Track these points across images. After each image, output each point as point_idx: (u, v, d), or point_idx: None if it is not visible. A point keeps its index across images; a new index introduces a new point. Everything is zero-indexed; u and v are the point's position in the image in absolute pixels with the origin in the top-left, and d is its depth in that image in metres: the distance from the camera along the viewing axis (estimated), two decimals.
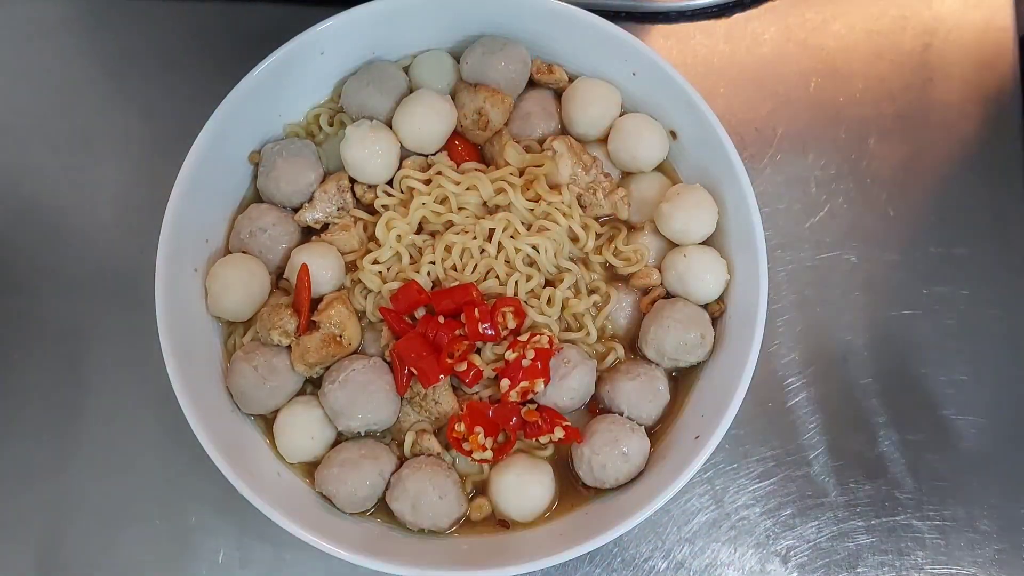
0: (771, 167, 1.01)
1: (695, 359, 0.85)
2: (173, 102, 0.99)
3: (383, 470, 0.82)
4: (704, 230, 0.86)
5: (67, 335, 0.94)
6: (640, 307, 0.88)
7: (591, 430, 0.83)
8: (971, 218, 0.99)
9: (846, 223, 0.99)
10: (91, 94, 1.01)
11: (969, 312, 0.97)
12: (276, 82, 0.86)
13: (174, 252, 0.82)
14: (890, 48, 1.04)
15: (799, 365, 0.95)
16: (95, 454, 0.91)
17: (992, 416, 0.94)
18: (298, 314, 0.83)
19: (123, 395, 0.93)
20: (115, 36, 1.03)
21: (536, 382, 0.81)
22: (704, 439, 0.79)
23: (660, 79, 0.87)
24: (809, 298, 0.97)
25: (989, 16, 1.05)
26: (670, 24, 1.04)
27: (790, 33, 1.05)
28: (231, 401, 0.84)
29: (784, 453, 0.93)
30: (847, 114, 1.02)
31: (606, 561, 0.90)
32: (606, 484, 0.82)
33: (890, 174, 1.01)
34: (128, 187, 0.98)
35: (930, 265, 0.98)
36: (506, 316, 0.82)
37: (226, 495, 0.78)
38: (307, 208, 0.87)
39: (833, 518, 0.91)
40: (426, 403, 0.84)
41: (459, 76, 0.91)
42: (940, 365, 0.96)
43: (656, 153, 0.89)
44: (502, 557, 0.78)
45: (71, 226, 0.97)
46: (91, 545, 0.90)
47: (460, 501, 0.82)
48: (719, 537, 0.91)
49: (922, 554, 0.91)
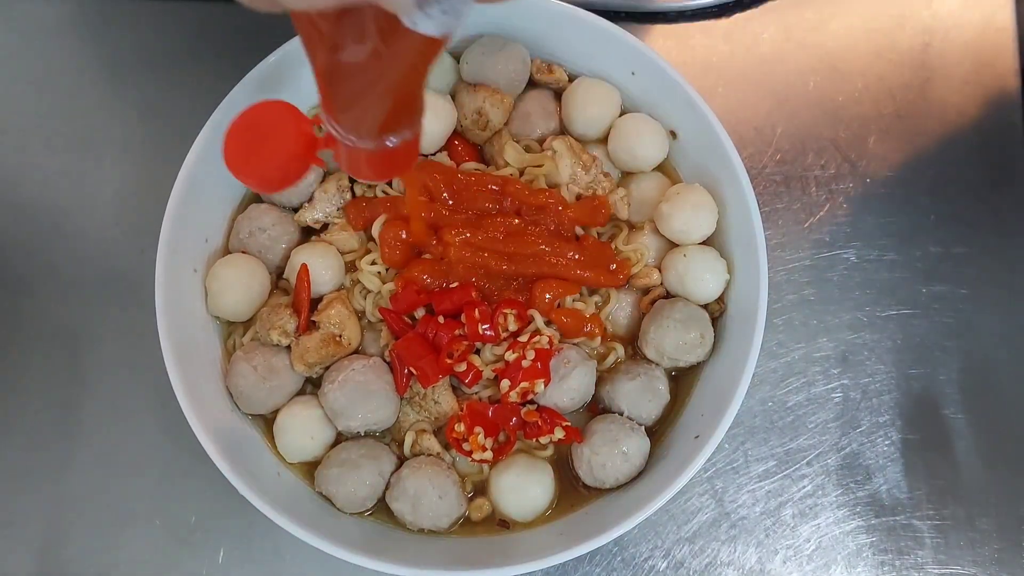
0: (771, 167, 1.01)
1: (695, 359, 0.85)
2: (173, 102, 0.99)
3: (383, 470, 0.82)
4: (704, 230, 0.86)
5: (67, 335, 0.94)
6: (640, 307, 0.88)
7: (591, 430, 0.83)
8: (971, 218, 1.00)
9: (846, 223, 0.99)
10: (91, 94, 1.01)
11: (969, 312, 0.97)
12: (276, 82, 0.86)
13: (174, 252, 0.82)
14: (889, 47, 1.04)
15: (799, 365, 0.95)
16: (95, 454, 0.91)
17: (992, 416, 0.94)
18: (298, 314, 0.83)
19: (123, 395, 0.93)
20: (115, 36, 1.03)
21: (536, 383, 0.81)
22: (704, 439, 0.79)
23: (660, 79, 0.87)
24: (809, 298, 0.97)
25: (989, 15, 1.05)
26: (670, 24, 1.04)
27: (789, 33, 1.05)
28: (231, 401, 0.84)
29: (784, 453, 0.93)
30: (847, 113, 1.02)
31: (606, 561, 0.90)
32: (606, 484, 0.82)
33: (890, 174, 1.01)
34: (128, 187, 0.98)
35: (929, 265, 0.98)
36: (507, 318, 0.82)
37: (226, 495, 0.77)
38: (307, 208, 0.87)
39: (833, 518, 0.92)
40: (426, 403, 0.84)
41: (459, 76, 0.91)
42: (940, 365, 0.96)
43: (656, 153, 0.89)
44: (502, 557, 0.78)
45: (71, 226, 0.97)
46: (91, 545, 0.90)
47: (460, 501, 0.82)
48: (719, 537, 0.91)
49: (922, 554, 0.91)
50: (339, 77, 0.48)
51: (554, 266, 0.83)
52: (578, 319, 0.84)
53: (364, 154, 0.54)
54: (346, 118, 0.52)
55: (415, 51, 0.44)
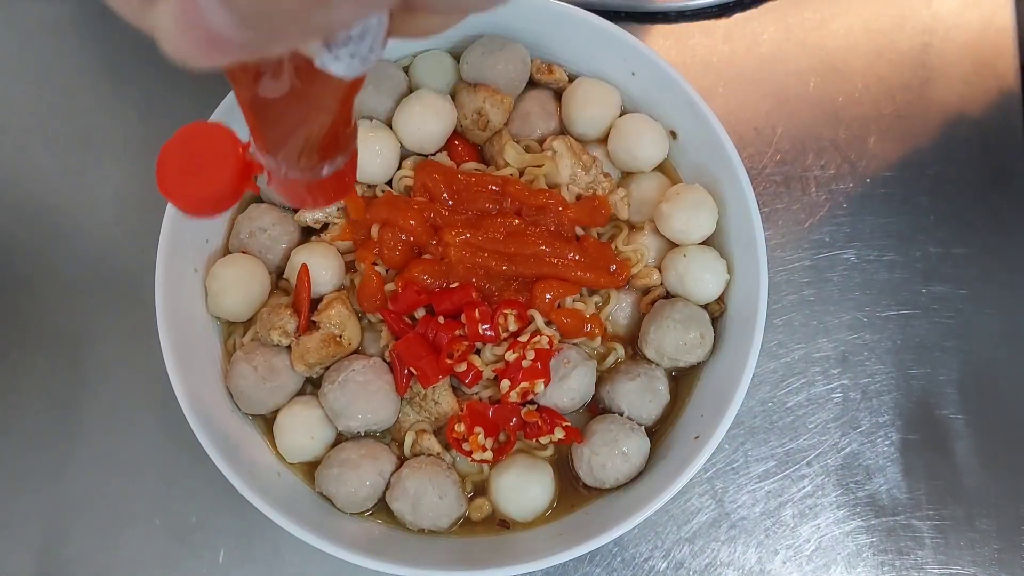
0: (771, 167, 1.01)
1: (695, 359, 0.85)
2: (173, 102, 0.99)
3: (383, 470, 0.82)
4: (704, 230, 0.86)
5: (67, 335, 0.94)
6: (640, 307, 0.88)
7: (591, 430, 0.83)
8: (971, 218, 1.00)
9: (846, 223, 0.99)
10: (91, 94, 1.01)
11: (968, 312, 0.97)
12: None
13: (174, 252, 0.82)
14: (889, 47, 1.04)
15: (799, 365, 0.95)
16: (95, 454, 0.91)
17: (992, 416, 0.94)
18: (298, 314, 0.83)
19: (123, 395, 0.93)
20: (115, 36, 1.03)
21: (536, 383, 0.81)
22: (704, 439, 0.79)
23: (660, 79, 0.87)
24: (809, 298, 0.97)
25: (988, 15, 1.05)
26: (670, 24, 1.04)
27: (789, 33, 1.05)
28: (231, 401, 0.84)
29: (784, 453, 0.93)
30: (847, 113, 1.02)
31: (606, 561, 0.90)
32: (606, 484, 0.82)
33: (890, 174, 1.01)
34: (128, 187, 0.98)
35: (929, 265, 0.98)
36: (507, 318, 0.82)
37: (226, 495, 0.77)
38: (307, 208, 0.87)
39: (833, 518, 0.92)
40: (426, 403, 0.84)
41: (459, 76, 0.91)
42: (940, 365, 0.96)
43: (656, 153, 0.89)
44: (502, 557, 0.78)
45: (71, 226, 0.97)
46: (91, 545, 0.90)
47: (460, 501, 0.82)
48: (719, 537, 0.91)
49: (922, 554, 0.91)
50: (263, 112, 0.48)
51: (554, 266, 0.83)
52: (578, 319, 0.84)
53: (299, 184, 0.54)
54: (276, 151, 0.52)
55: (333, 89, 0.44)
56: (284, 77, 0.43)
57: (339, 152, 0.53)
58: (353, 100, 0.48)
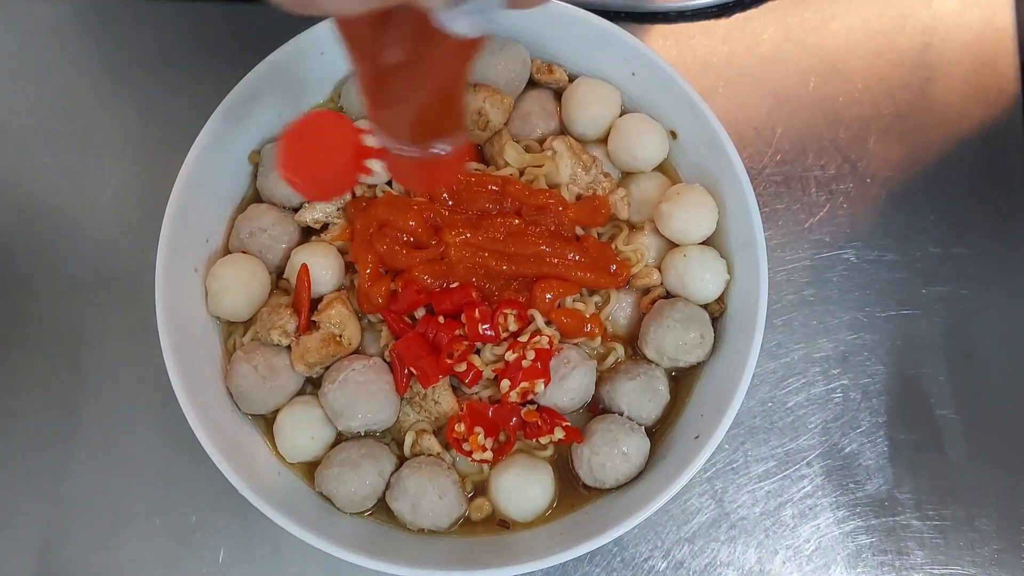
0: (771, 167, 1.01)
1: (695, 359, 0.85)
2: (173, 102, 0.99)
3: (383, 470, 0.82)
4: (704, 230, 0.86)
5: (67, 335, 0.94)
6: (640, 307, 0.88)
7: (591, 430, 0.83)
8: (971, 218, 1.00)
9: (846, 223, 0.99)
10: (91, 94, 1.01)
11: (969, 312, 0.97)
12: (276, 82, 0.86)
13: (174, 252, 0.82)
14: (889, 47, 1.04)
15: (799, 365, 0.95)
16: (95, 454, 0.91)
17: (992, 416, 0.94)
18: (298, 314, 0.83)
19: (123, 395, 0.93)
20: (115, 36, 1.03)
21: (536, 383, 0.81)
22: (704, 439, 0.79)
23: (660, 79, 0.87)
24: (809, 298, 0.97)
25: (988, 15, 1.05)
26: (670, 24, 1.04)
27: (789, 33, 1.05)
28: (231, 401, 0.84)
29: (784, 453, 0.93)
30: (847, 114, 1.02)
31: (606, 561, 0.90)
32: (606, 484, 0.82)
33: (890, 174, 1.01)
34: (128, 187, 0.98)
35: (929, 265, 0.98)
36: (508, 318, 0.82)
37: (226, 495, 0.77)
38: (307, 208, 0.87)
39: (833, 518, 0.92)
40: (426, 403, 0.84)
41: None
42: (940, 365, 0.96)
43: (656, 153, 0.89)
44: (502, 557, 0.78)
45: (71, 226, 0.97)
46: (91, 545, 0.90)
47: (460, 501, 0.82)
48: (719, 537, 0.91)
49: (922, 554, 0.91)
50: (381, 83, 0.49)
51: (554, 266, 0.83)
52: (578, 319, 0.84)
53: (411, 162, 0.56)
54: (390, 124, 0.54)
55: (451, 55, 0.46)
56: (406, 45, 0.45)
57: (451, 127, 0.54)
58: (466, 71, 0.49)
